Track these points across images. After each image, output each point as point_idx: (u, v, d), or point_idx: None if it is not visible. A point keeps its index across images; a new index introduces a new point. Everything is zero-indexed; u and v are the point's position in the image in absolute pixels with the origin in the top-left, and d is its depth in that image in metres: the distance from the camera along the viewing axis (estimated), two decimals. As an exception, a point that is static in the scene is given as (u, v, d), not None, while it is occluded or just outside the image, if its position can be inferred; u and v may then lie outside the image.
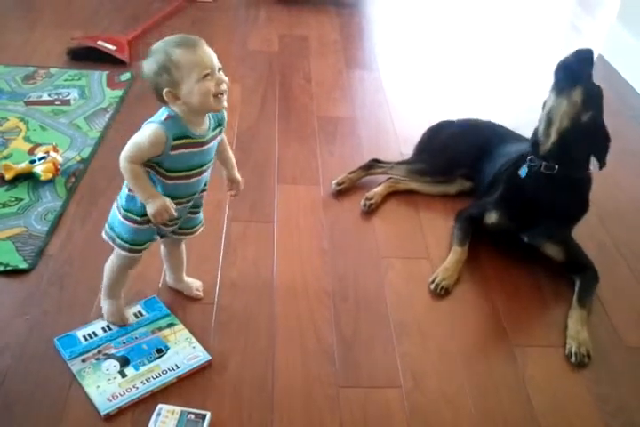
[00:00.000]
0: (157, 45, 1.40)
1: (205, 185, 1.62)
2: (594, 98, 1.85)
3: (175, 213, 1.48)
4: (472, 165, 2.27)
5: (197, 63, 1.37)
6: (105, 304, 1.73)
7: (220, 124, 1.53)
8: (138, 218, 1.52)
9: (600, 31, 3.67)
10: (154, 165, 1.47)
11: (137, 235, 1.56)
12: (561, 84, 1.86)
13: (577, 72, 1.85)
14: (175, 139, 1.42)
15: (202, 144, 1.48)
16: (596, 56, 3.37)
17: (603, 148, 1.89)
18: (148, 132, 1.41)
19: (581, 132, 1.85)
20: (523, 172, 1.94)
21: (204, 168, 1.53)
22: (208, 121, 1.49)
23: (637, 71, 3.14)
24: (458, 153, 2.32)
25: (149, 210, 1.45)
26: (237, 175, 1.68)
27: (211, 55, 1.40)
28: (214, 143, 1.53)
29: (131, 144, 1.43)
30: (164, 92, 1.38)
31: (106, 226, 1.61)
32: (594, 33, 3.75)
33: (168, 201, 1.46)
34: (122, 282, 1.71)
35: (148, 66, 1.39)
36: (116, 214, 1.57)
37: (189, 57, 1.36)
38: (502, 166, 2.10)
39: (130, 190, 1.51)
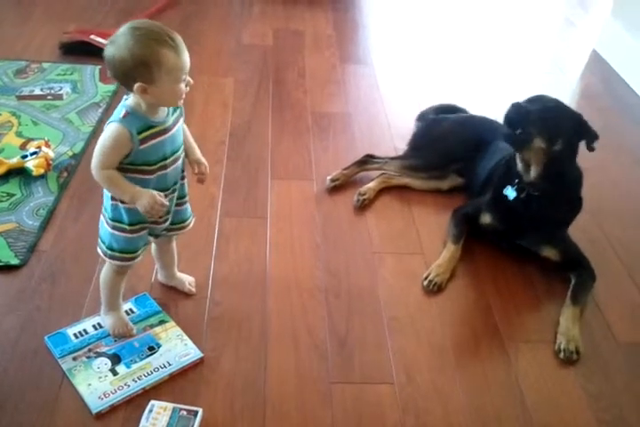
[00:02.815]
0: (139, 36, 1.32)
1: (183, 171, 1.60)
2: (554, 128, 1.80)
3: (167, 202, 1.47)
4: (466, 160, 2.26)
5: (179, 68, 1.35)
6: (107, 319, 1.69)
7: (175, 108, 1.49)
8: (127, 227, 1.51)
9: (595, 26, 3.67)
10: (129, 167, 1.43)
11: (129, 244, 1.54)
12: (520, 148, 1.85)
13: (521, 136, 1.81)
14: (140, 132, 1.39)
15: (166, 131, 1.45)
16: (590, 51, 3.41)
17: (580, 136, 1.87)
18: (109, 133, 1.39)
19: (561, 156, 1.84)
20: (509, 193, 1.92)
21: (178, 154, 1.52)
22: (165, 108, 1.46)
23: (631, 66, 3.14)
24: (452, 149, 2.31)
25: (141, 207, 1.42)
26: (201, 157, 1.62)
27: (188, 58, 1.38)
28: (178, 127, 1.49)
29: (98, 150, 1.41)
30: (137, 85, 1.33)
31: (99, 240, 1.58)
32: (589, 28, 3.74)
33: (154, 192, 1.43)
34: (119, 291, 1.67)
35: (123, 53, 1.31)
36: (104, 227, 1.55)
37: (174, 61, 1.34)
38: (497, 163, 2.09)
39: (113, 199, 1.49)
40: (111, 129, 1.39)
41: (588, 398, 1.65)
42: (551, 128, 1.81)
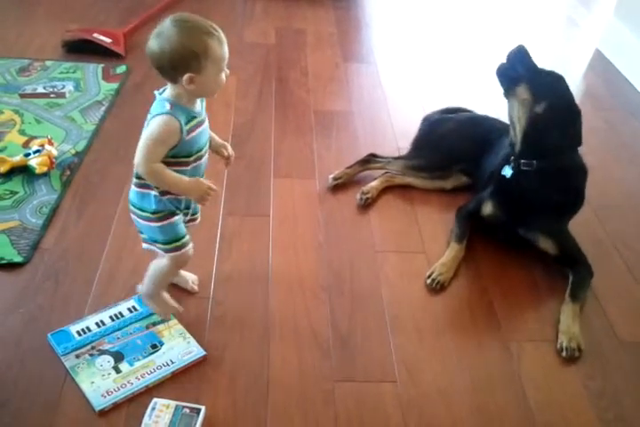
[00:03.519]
0: (188, 28, 1.37)
1: None
2: (542, 87, 1.86)
3: (214, 186, 1.50)
4: (470, 160, 2.26)
5: (223, 58, 1.41)
6: (156, 304, 1.71)
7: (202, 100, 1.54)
8: (177, 211, 1.55)
9: (598, 25, 3.66)
10: (170, 160, 1.46)
11: (174, 231, 1.56)
12: (506, 89, 1.91)
13: (514, 72, 1.88)
14: (186, 122, 1.43)
15: (202, 122, 1.50)
16: (593, 51, 3.40)
17: (573, 126, 1.89)
18: (159, 125, 1.40)
19: (543, 123, 1.86)
20: (506, 172, 1.95)
21: (208, 145, 1.57)
22: (199, 100, 1.51)
23: (634, 65, 3.14)
24: (455, 148, 2.31)
25: (194, 196, 1.49)
26: (223, 141, 1.68)
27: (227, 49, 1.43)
28: (207, 119, 1.54)
29: (146, 144, 1.41)
30: (187, 76, 1.37)
31: (159, 245, 1.59)
32: (591, 27, 3.74)
33: (199, 179, 1.49)
34: (169, 279, 1.71)
35: (173, 45, 1.35)
36: (151, 226, 1.55)
37: (219, 51, 1.39)
38: (502, 160, 2.09)
39: (142, 187, 1.51)
40: (161, 121, 1.40)
41: (590, 396, 1.65)
42: (542, 87, 1.85)
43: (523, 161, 1.90)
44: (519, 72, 1.87)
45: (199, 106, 1.50)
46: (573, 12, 3.93)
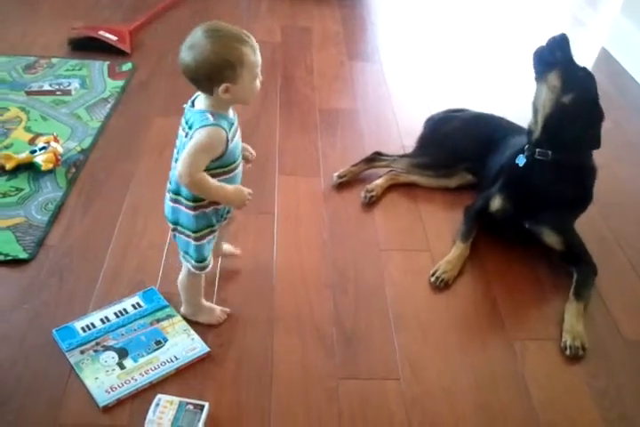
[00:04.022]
0: (221, 37, 1.35)
1: None
2: (573, 79, 1.87)
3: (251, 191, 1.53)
4: (475, 158, 2.26)
5: (257, 64, 1.40)
6: (204, 314, 1.72)
7: None
8: (214, 227, 1.56)
9: (604, 25, 3.65)
10: (219, 171, 1.47)
11: (205, 250, 1.58)
12: (539, 72, 1.91)
13: (551, 57, 1.89)
14: (229, 131, 1.43)
15: (237, 128, 1.51)
16: (599, 50, 3.39)
17: (593, 126, 1.89)
18: (208, 135, 1.39)
19: (566, 114, 1.86)
20: (520, 160, 1.96)
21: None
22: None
23: (641, 64, 3.13)
24: (461, 147, 2.31)
25: (236, 204, 1.51)
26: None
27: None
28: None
29: (193, 155, 1.39)
30: (224, 86, 1.36)
31: (181, 253, 1.61)
32: (597, 26, 3.73)
33: (239, 186, 1.51)
34: (201, 286, 1.71)
35: (207, 56, 1.34)
36: (191, 244, 1.55)
37: (253, 59, 1.38)
38: (509, 158, 2.09)
39: (175, 203, 1.52)
40: (208, 132, 1.39)
41: (593, 395, 1.64)
42: (572, 79, 1.85)
43: (538, 150, 1.90)
44: (556, 58, 1.88)
45: (232, 111, 1.50)
46: (580, 11, 3.92)
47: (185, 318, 1.73)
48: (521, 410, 1.60)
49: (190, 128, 1.42)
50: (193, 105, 1.47)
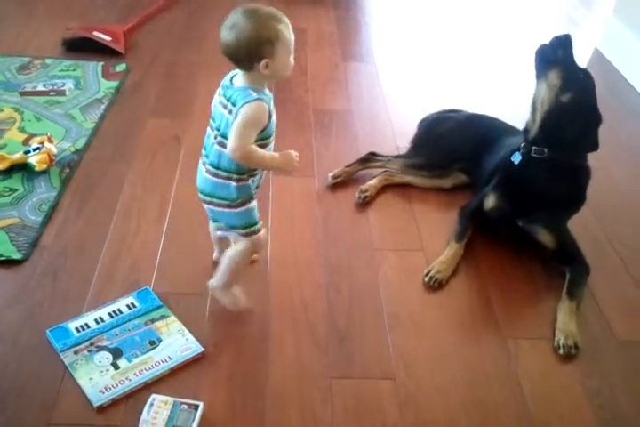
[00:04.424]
0: (260, 17, 1.44)
1: None
2: (573, 79, 1.88)
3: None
4: (470, 159, 2.27)
5: (292, 41, 1.49)
6: (228, 295, 1.75)
7: None
8: (253, 196, 1.63)
9: (597, 25, 3.67)
10: (260, 144, 1.53)
11: (252, 215, 1.65)
12: (539, 70, 1.93)
13: (552, 56, 1.90)
14: (269, 105, 1.52)
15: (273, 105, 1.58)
16: (592, 50, 3.41)
17: (590, 128, 1.91)
18: (254, 110, 1.47)
19: (564, 113, 1.88)
20: (516, 158, 1.98)
21: None
22: None
23: (633, 65, 3.14)
24: (455, 147, 2.31)
25: (287, 168, 1.60)
26: None
27: None
28: None
29: (242, 129, 1.47)
30: (264, 62, 1.45)
31: (238, 231, 1.65)
32: (591, 27, 3.74)
33: (288, 151, 1.59)
34: (245, 267, 1.77)
35: (249, 34, 1.43)
36: (239, 213, 1.62)
37: (288, 34, 1.47)
38: (503, 157, 2.10)
39: (239, 181, 1.57)
40: (254, 107, 1.47)
41: (586, 394, 1.65)
42: (572, 79, 1.87)
43: (534, 147, 1.92)
44: (557, 57, 1.89)
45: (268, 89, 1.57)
46: (573, 11, 3.93)
47: (180, 319, 1.74)
48: (514, 409, 1.61)
49: (234, 105, 1.49)
50: (231, 83, 1.53)
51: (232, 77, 1.55)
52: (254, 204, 1.65)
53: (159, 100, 2.70)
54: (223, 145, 1.53)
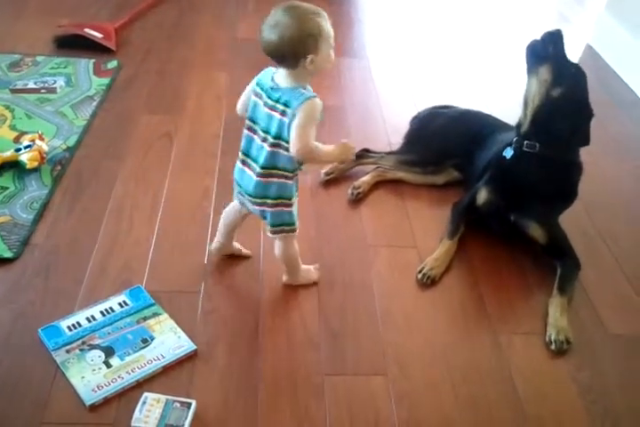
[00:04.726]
0: (301, 13, 1.45)
1: None
2: (564, 74, 1.89)
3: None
4: (463, 155, 2.27)
5: (331, 34, 1.50)
6: (304, 275, 1.86)
7: None
8: (295, 197, 1.68)
9: (589, 21, 3.67)
10: None
11: (296, 212, 1.70)
12: (530, 65, 1.93)
13: (543, 51, 1.91)
14: None
15: None
16: (584, 46, 3.41)
17: (582, 123, 1.92)
18: (314, 108, 1.50)
19: (555, 108, 1.89)
20: (507, 153, 1.98)
21: None
22: None
23: (625, 61, 3.15)
24: (448, 144, 2.32)
25: (344, 158, 1.68)
26: None
27: None
28: None
29: (306, 128, 1.49)
30: (310, 57, 1.46)
31: (274, 227, 1.69)
32: (583, 23, 3.74)
33: (341, 143, 1.63)
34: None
35: (292, 32, 1.43)
36: (287, 212, 1.67)
37: (328, 29, 1.49)
38: (495, 153, 2.11)
39: (289, 179, 1.61)
40: (311, 105, 1.50)
41: (579, 389, 1.66)
42: (563, 74, 1.88)
43: (526, 142, 1.92)
44: (548, 52, 1.90)
45: None
46: (565, 7, 3.93)
47: (171, 317, 1.73)
48: (507, 404, 1.61)
49: (287, 106, 1.50)
50: (274, 83, 1.54)
51: (272, 77, 1.55)
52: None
53: (151, 97, 2.69)
54: (279, 147, 1.55)
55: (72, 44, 2.96)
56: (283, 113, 1.50)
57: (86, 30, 2.99)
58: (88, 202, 2.12)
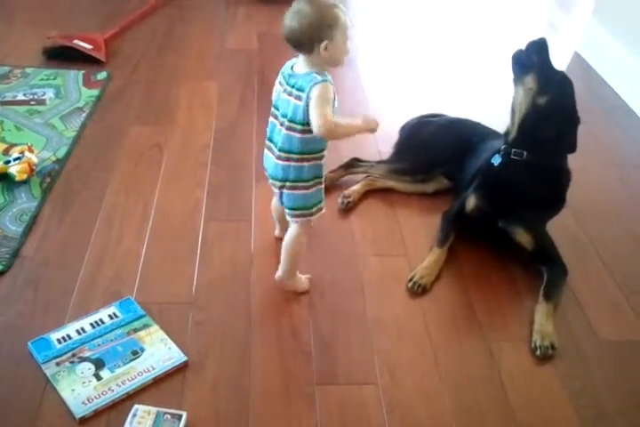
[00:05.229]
0: (320, 3, 1.55)
1: None
2: (549, 82, 1.91)
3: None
4: (452, 163, 2.28)
5: (348, 26, 1.59)
6: (297, 280, 1.88)
7: None
8: (321, 178, 1.74)
9: (576, 29, 3.70)
10: None
11: (321, 193, 1.77)
12: (516, 74, 1.95)
13: (528, 61, 1.93)
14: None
15: None
16: (571, 53, 3.43)
17: (568, 130, 1.93)
18: (325, 89, 1.57)
19: (541, 116, 1.91)
20: (495, 160, 2.00)
21: None
22: None
23: (612, 67, 3.17)
24: (438, 152, 2.32)
25: (369, 129, 1.71)
26: None
27: None
28: None
29: (320, 108, 1.56)
30: (325, 43, 1.55)
31: (295, 211, 1.75)
32: (570, 31, 3.77)
33: (363, 116, 1.69)
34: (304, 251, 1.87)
35: (311, 19, 1.54)
36: (305, 194, 1.72)
37: (345, 20, 1.58)
38: (484, 161, 2.12)
39: (311, 160, 1.68)
40: (322, 87, 1.57)
41: (570, 395, 1.66)
42: (549, 82, 1.90)
43: (514, 150, 1.94)
44: (532, 62, 1.92)
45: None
46: (552, 15, 3.96)
47: (162, 328, 1.73)
48: (499, 412, 1.61)
49: (301, 90, 1.59)
50: (292, 71, 1.63)
51: (292, 66, 1.65)
52: (323, 185, 1.75)
53: (141, 108, 2.69)
54: (293, 129, 1.63)
55: (61, 55, 2.97)
56: (298, 97, 1.60)
57: (75, 41, 2.99)
58: (78, 214, 2.12)
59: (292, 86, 1.62)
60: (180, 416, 1.49)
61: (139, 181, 2.28)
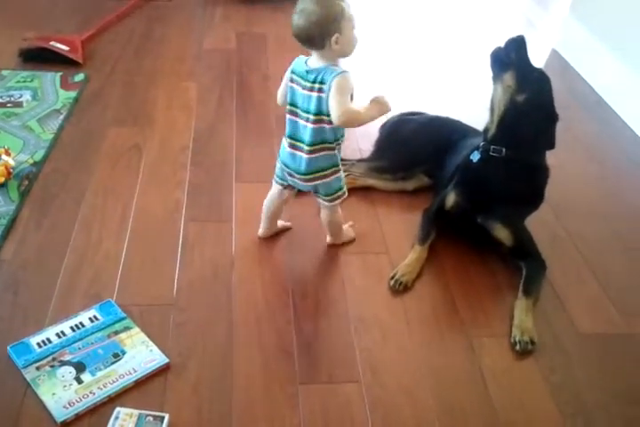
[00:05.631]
0: (316, 1, 1.60)
1: None
2: (527, 80, 1.92)
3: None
4: (433, 161, 2.29)
5: (353, 17, 1.65)
6: (346, 235, 2.07)
7: None
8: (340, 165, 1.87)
9: (554, 26, 3.73)
10: None
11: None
12: (494, 72, 1.97)
13: (506, 58, 1.94)
14: None
15: None
16: (549, 51, 3.46)
17: (547, 127, 1.95)
18: (346, 80, 1.66)
19: (519, 114, 1.92)
20: (474, 156, 2.01)
21: None
22: None
23: (590, 65, 3.20)
24: (418, 150, 2.33)
25: (387, 110, 1.78)
26: None
27: None
28: None
29: (340, 97, 1.65)
30: (336, 36, 1.62)
31: (332, 196, 1.89)
32: (548, 28, 3.80)
33: (375, 99, 1.76)
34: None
35: (319, 15, 1.60)
36: (338, 179, 1.86)
37: (350, 12, 1.64)
38: (463, 158, 2.13)
39: (327, 151, 1.78)
40: (342, 78, 1.66)
41: (551, 390, 1.67)
42: (527, 80, 1.92)
43: (493, 147, 1.95)
44: (511, 59, 1.93)
45: None
46: (530, 13, 3.99)
47: (143, 331, 1.72)
48: (481, 410, 1.62)
49: (323, 83, 1.66)
50: (307, 66, 1.70)
51: (305, 62, 1.71)
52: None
53: (119, 110, 2.67)
54: (320, 122, 1.71)
55: (38, 57, 2.94)
56: (320, 90, 1.67)
57: (52, 43, 2.97)
58: (56, 217, 2.10)
59: (313, 81, 1.68)
60: (163, 418, 1.49)
61: (117, 183, 2.27)
